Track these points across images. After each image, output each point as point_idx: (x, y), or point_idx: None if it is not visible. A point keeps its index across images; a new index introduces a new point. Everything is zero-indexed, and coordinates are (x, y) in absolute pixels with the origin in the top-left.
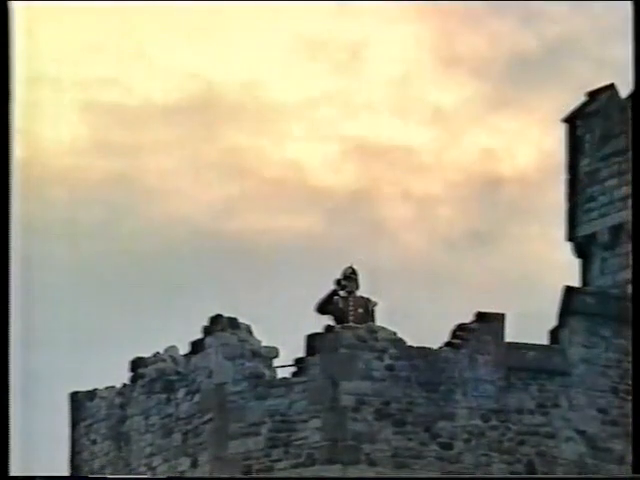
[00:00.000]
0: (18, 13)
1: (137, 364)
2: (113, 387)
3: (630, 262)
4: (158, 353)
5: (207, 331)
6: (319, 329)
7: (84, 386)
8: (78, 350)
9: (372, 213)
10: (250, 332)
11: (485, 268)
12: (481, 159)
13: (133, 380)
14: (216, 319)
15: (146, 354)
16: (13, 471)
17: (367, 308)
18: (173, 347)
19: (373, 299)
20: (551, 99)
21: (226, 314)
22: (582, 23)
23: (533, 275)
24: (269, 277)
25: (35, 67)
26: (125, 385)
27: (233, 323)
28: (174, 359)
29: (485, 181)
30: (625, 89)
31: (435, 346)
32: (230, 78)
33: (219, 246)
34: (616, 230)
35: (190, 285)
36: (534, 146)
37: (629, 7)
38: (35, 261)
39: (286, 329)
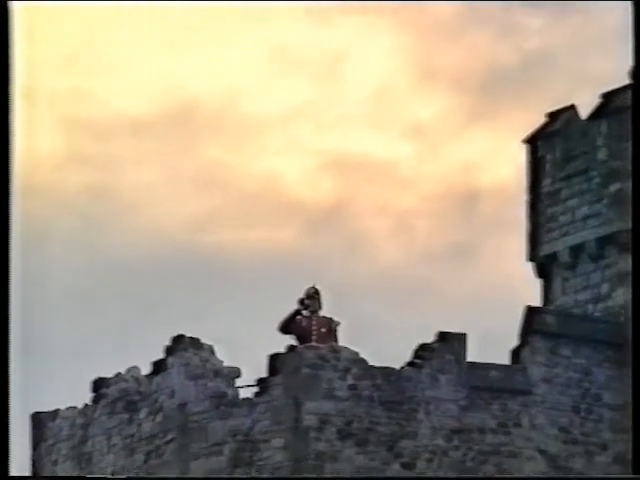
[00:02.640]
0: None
1: (99, 384)
2: (75, 407)
3: (590, 282)
4: (120, 373)
5: (169, 351)
6: (282, 349)
7: (46, 406)
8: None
9: (349, 227)
10: (212, 352)
11: (462, 283)
12: (459, 172)
13: (95, 400)
14: (178, 339)
15: (108, 374)
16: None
17: (330, 328)
18: (135, 367)
19: (336, 319)
20: (529, 112)
21: (189, 334)
22: (560, 37)
23: (508, 292)
24: (239, 294)
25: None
26: (87, 405)
27: (195, 343)
28: (136, 379)
29: (463, 195)
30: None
31: (398, 365)
32: (208, 91)
33: (195, 260)
34: (577, 250)
35: (158, 302)
36: (512, 159)
37: (611, 19)
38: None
39: (249, 349)
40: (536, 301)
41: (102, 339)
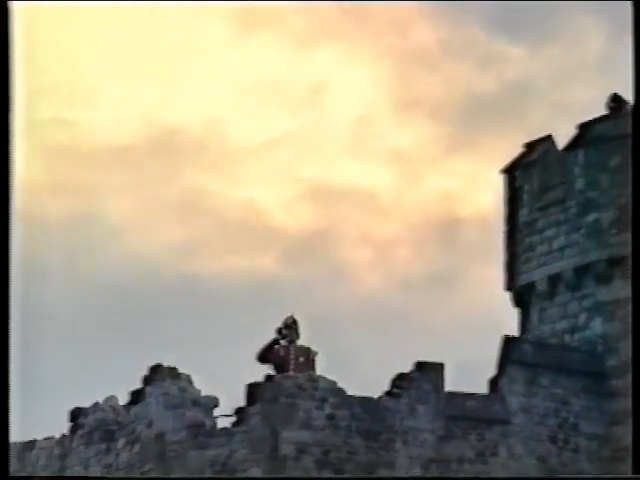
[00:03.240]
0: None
1: (76, 414)
2: (52, 437)
3: (568, 312)
4: (98, 403)
5: (147, 380)
6: (260, 378)
7: (23, 436)
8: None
9: (330, 255)
10: (190, 381)
11: (441, 312)
12: (439, 201)
13: (72, 430)
14: (156, 368)
15: (86, 404)
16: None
17: (308, 357)
18: (113, 397)
19: (314, 348)
20: (509, 141)
21: (167, 363)
22: (539, 67)
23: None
24: (218, 322)
25: None
26: (64, 435)
27: (173, 372)
28: (114, 408)
29: (443, 223)
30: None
31: (376, 395)
32: (189, 120)
33: (175, 288)
34: (554, 280)
35: (137, 331)
36: (492, 189)
37: (590, 50)
38: None
39: (226, 378)
40: (514, 331)
41: (80, 368)
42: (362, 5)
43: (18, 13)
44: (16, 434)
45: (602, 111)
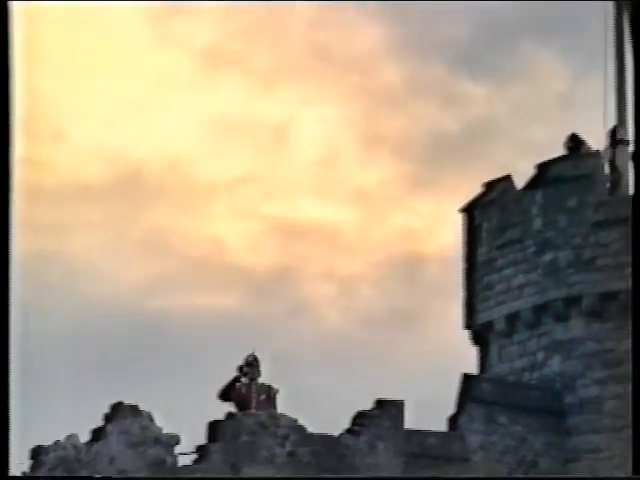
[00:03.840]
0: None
1: (37, 452)
2: (13, 477)
3: (526, 350)
4: (59, 441)
5: (108, 418)
6: (221, 416)
7: None
8: None
9: (293, 292)
10: (151, 419)
11: (402, 349)
12: (402, 239)
13: (33, 468)
14: (117, 406)
15: (47, 442)
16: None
17: (269, 395)
18: (74, 435)
19: (275, 386)
20: (471, 180)
21: (128, 401)
22: (502, 106)
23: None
24: (180, 360)
25: None
26: (25, 473)
27: (134, 410)
28: (75, 446)
29: (406, 261)
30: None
31: (336, 432)
32: (153, 158)
33: (139, 325)
34: (512, 318)
35: (98, 368)
36: (454, 227)
37: (551, 88)
38: None
39: (188, 416)
40: (474, 368)
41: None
42: (326, 45)
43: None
44: None
45: (562, 151)
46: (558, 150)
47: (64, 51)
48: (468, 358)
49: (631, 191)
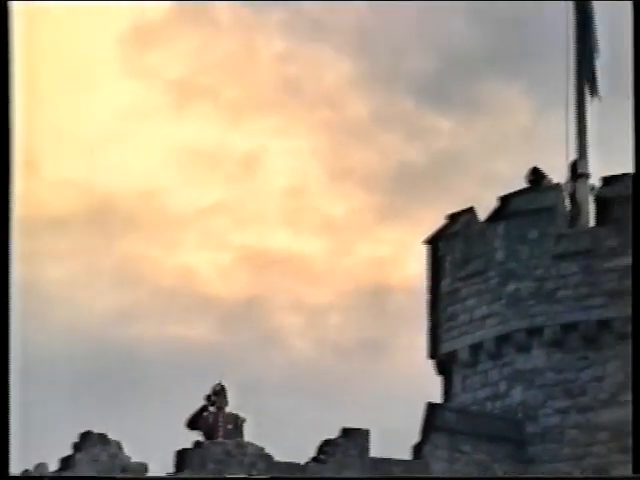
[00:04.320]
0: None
1: None
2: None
3: (489, 380)
4: (27, 470)
5: (77, 447)
6: (189, 444)
7: None
8: None
9: (263, 322)
10: (120, 448)
11: (369, 379)
12: (370, 269)
13: None
14: (86, 435)
15: (15, 471)
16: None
17: (236, 424)
18: (43, 464)
19: (242, 415)
20: (437, 211)
21: (97, 430)
22: (467, 139)
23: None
24: (149, 389)
25: None
26: None
27: (103, 439)
28: (44, 476)
29: (374, 290)
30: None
31: (303, 461)
32: (125, 189)
33: (108, 355)
34: (476, 348)
35: (68, 397)
36: (421, 257)
37: (515, 121)
38: None
39: (156, 444)
40: (438, 398)
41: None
42: (296, 79)
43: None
44: None
45: (525, 184)
46: (521, 183)
47: (39, 83)
48: (433, 387)
49: (591, 224)
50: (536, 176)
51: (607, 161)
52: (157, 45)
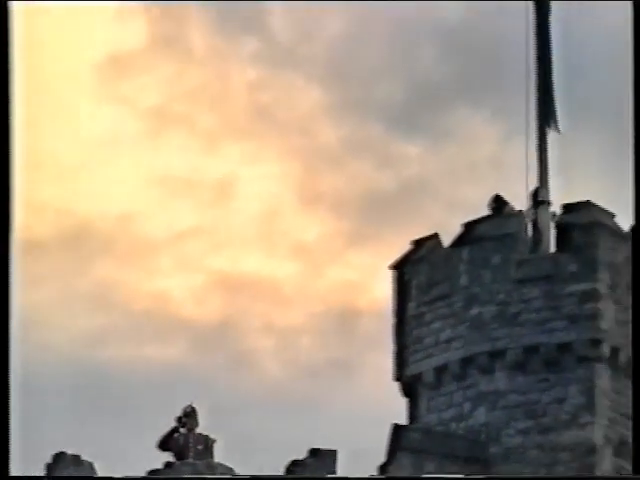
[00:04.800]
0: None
1: None
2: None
3: (453, 401)
4: None
5: (50, 468)
6: (160, 465)
7: None
8: None
9: (236, 344)
10: (93, 469)
11: (339, 400)
12: (340, 292)
13: None
14: (59, 456)
15: None
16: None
17: (206, 445)
18: None
19: (212, 436)
20: (405, 236)
21: (70, 451)
22: (434, 166)
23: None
24: (122, 410)
25: None
26: None
27: (76, 460)
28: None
29: (343, 313)
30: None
31: None
32: (100, 214)
33: (84, 376)
34: (440, 371)
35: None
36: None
37: (481, 149)
38: None
39: (128, 465)
40: (404, 419)
41: None
42: (268, 106)
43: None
44: None
45: (486, 211)
46: (487, 209)
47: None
48: (399, 409)
49: (552, 249)
50: (498, 203)
51: (567, 189)
52: (133, 73)
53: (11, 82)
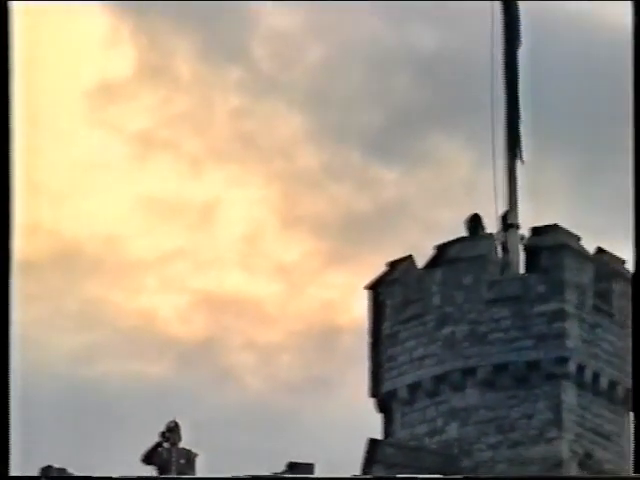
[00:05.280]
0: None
1: None
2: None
3: (426, 417)
4: None
5: None
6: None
7: None
8: None
9: (219, 360)
10: None
11: (318, 415)
12: (320, 310)
13: None
14: (47, 469)
15: None
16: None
17: (188, 459)
18: None
19: (194, 450)
20: (383, 257)
21: (57, 464)
22: (411, 190)
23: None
24: (109, 424)
25: None
26: None
27: (62, 473)
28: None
29: (323, 330)
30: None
31: None
32: (90, 236)
33: (73, 391)
34: (414, 387)
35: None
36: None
37: (456, 173)
38: None
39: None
40: (379, 434)
41: None
42: (251, 132)
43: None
44: None
45: (464, 232)
46: (460, 231)
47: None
48: (374, 424)
49: (521, 271)
50: (475, 222)
51: (536, 212)
52: (122, 100)
53: (11, 112)
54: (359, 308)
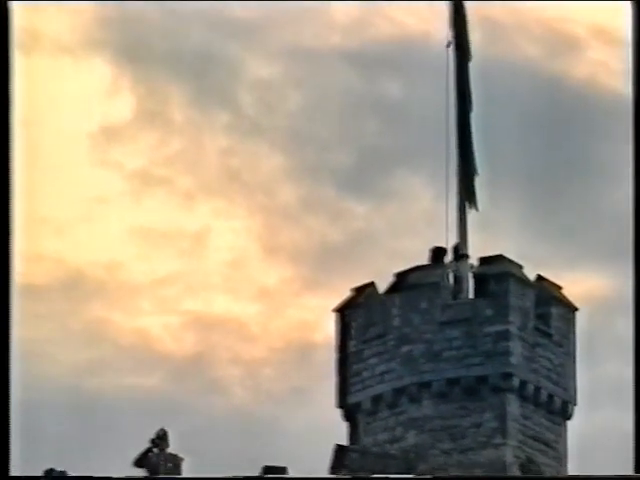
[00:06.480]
0: None
1: None
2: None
3: (387, 425)
4: None
5: None
6: None
7: None
8: None
9: (207, 374)
10: None
11: (294, 423)
12: (298, 329)
13: None
14: (49, 472)
15: None
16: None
17: (175, 463)
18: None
19: (181, 455)
20: (353, 282)
21: (59, 468)
22: (378, 222)
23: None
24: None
25: None
26: None
27: (63, 475)
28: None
29: (300, 347)
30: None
31: None
32: (92, 262)
33: (79, 402)
34: (376, 400)
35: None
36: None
37: (418, 205)
38: None
39: None
40: (345, 440)
41: None
42: (237, 169)
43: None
44: None
45: (426, 260)
46: (421, 259)
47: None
48: (341, 431)
49: (471, 296)
50: (439, 252)
51: (483, 244)
52: (121, 141)
53: (11, 149)
54: (331, 328)
